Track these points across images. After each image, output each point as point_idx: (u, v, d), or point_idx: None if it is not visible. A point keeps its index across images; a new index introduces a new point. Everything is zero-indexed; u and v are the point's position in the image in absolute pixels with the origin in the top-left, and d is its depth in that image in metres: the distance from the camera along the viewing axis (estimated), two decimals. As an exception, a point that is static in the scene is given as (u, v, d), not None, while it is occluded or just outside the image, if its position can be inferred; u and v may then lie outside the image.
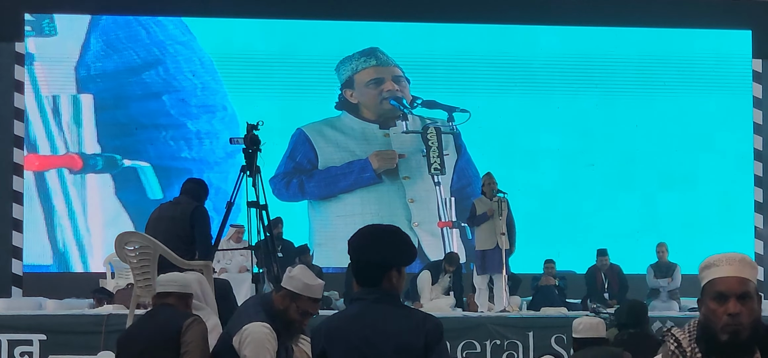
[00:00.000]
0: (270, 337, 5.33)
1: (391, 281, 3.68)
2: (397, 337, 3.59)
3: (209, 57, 15.23)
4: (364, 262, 3.69)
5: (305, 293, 5.38)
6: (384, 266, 3.67)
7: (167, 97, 15.15)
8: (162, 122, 15.11)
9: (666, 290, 13.75)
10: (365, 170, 15.37)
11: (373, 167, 15.37)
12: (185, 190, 8.68)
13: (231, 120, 15.04)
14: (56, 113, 14.97)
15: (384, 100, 15.54)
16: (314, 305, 5.46)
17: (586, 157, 15.66)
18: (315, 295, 5.43)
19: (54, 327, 11.20)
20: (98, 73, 15.04)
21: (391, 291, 3.68)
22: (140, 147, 15.04)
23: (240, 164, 9.47)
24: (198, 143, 15.13)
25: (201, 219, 8.44)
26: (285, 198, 15.05)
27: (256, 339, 5.29)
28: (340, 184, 15.31)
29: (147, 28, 15.20)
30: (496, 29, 15.70)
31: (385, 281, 3.67)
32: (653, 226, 15.28)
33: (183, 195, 8.66)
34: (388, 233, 3.74)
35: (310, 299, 5.41)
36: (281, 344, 5.46)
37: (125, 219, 14.69)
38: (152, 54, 15.14)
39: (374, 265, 3.67)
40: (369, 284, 3.68)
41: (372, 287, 3.67)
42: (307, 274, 5.48)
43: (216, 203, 14.12)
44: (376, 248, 3.68)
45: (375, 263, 3.67)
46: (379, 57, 15.57)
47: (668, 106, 15.79)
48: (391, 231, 3.75)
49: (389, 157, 15.39)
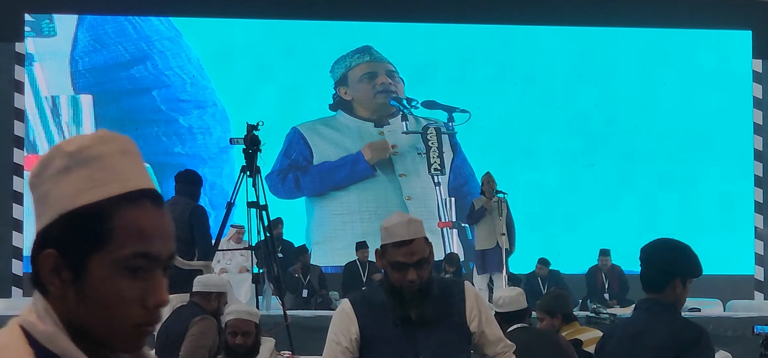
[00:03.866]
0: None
1: (674, 291, 3.82)
2: (652, 348, 3.77)
3: (196, 54, 15.23)
4: (653, 268, 3.85)
5: (387, 241, 3.91)
6: (670, 274, 3.81)
7: (157, 93, 15.15)
8: (154, 118, 15.11)
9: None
10: (358, 162, 15.38)
11: (366, 158, 15.37)
12: (180, 190, 8.60)
13: (222, 116, 15.06)
14: (56, 114, 14.97)
15: (378, 93, 15.56)
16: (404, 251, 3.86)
17: (586, 157, 15.66)
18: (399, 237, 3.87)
19: (54, 327, 11.18)
20: (87, 68, 15.04)
21: (671, 300, 3.82)
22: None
23: (234, 160, 9.48)
24: (191, 139, 15.13)
25: (200, 220, 8.41)
26: (281, 194, 15.03)
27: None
28: (335, 177, 15.32)
29: (133, 23, 15.21)
30: (496, 29, 15.70)
31: (668, 289, 3.82)
32: (653, 226, 15.26)
33: (179, 195, 8.59)
34: (681, 245, 3.91)
35: (393, 244, 3.88)
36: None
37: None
38: (140, 49, 15.15)
39: (661, 272, 3.82)
40: (652, 291, 3.85)
41: (655, 294, 3.84)
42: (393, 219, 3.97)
43: (211, 198, 14.16)
44: (667, 256, 3.86)
45: (662, 270, 3.82)
46: (372, 54, 15.59)
47: (668, 106, 15.79)
48: (684, 245, 3.91)
49: (382, 148, 15.41)
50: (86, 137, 1.49)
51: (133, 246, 1.43)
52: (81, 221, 1.44)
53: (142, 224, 1.44)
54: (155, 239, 1.45)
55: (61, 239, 1.44)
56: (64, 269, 1.44)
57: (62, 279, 1.44)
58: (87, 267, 1.43)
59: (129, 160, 1.48)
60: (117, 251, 1.43)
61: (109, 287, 1.43)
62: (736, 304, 14.04)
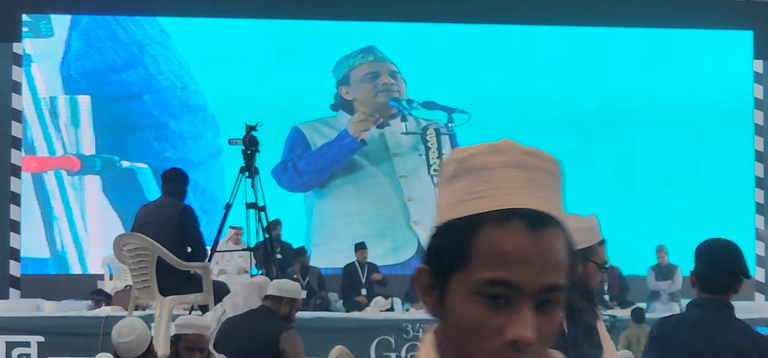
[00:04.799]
0: None
1: (736, 292, 3.83)
2: (735, 350, 3.73)
3: (187, 58, 15.19)
4: (718, 269, 3.80)
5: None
6: (736, 276, 3.80)
7: (148, 97, 15.11)
8: (145, 122, 15.07)
9: (667, 292, 13.70)
10: (344, 137, 15.43)
11: (350, 132, 15.38)
12: (168, 189, 8.50)
13: (212, 120, 15.02)
14: (53, 114, 14.92)
15: (379, 93, 15.54)
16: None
17: (586, 157, 15.62)
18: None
19: (52, 329, 11.16)
20: (79, 72, 15.00)
21: (730, 302, 3.82)
22: (125, 148, 14.97)
23: (224, 165, 9.43)
24: (182, 143, 15.08)
25: (190, 220, 8.33)
26: (285, 184, 15.11)
27: None
28: (326, 155, 15.34)
29: (125, 27, 15.16)
30: (496, 29, 15.67)
31: (731, 291, 3.81)
32: (653, 227, 15.23)
33: (166, 195, 8.50)
34: (738, 247, 3.90)
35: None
36: None
37: (123, 221, 14.63)
38: (131, 53, 15.10)
39: (728, 273, 3.80)
40: (716, 292, 3.80)
41: (718, 295, 3.80)
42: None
43: (202, 202, 14.12)
44: (733, 258, 3.83)
45: (729, 272, 3.80)
46: (376, 54, 15.58)
47: (668, 106, 15.76)
48: (738, 247, 3.90)
49: (364, 120, 15.42)
50: (478, 146, 1.35)
51: (490, 271, 1.27)
52: (451, 235, 1.31)
53: (505, 248, 1.27)
54: (520, 265, 1.27)
55: (435, 254, 1.32)
56: (433, 287, 1.32)
57: (433, 298, 1.32)
58: (449, 286, 1.30)
59: (520, 175, 1.31)
60: (474, 274, 1.28)
61: (465, 311, 1.28)
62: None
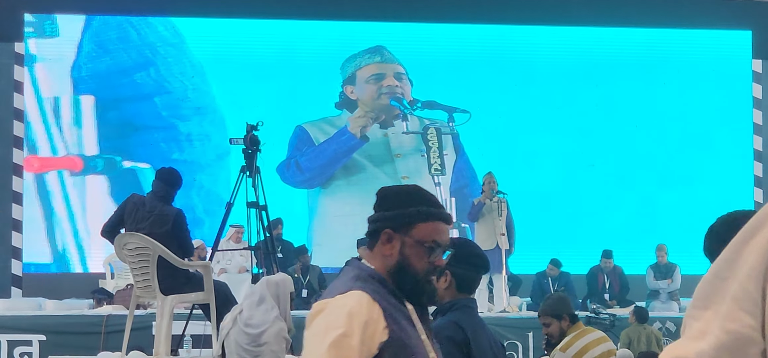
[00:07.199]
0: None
1: None
2: None
3: (199, 59, 15.23)
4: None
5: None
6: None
7: (159, 99, 15.15)
8: (154, 124, 15.11)
9: (666, 291, 13.73)
10: (343, 134, 15.47)
11: (349, 129, 15.43)
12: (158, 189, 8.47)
13: (220, 122, 15.06)
14: (56, 114, 14.96)
15: (383, 95, 15.58)
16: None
17: (586, 157, 15.66)
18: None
19: (53, 328, 11.21)
20: (90, 74, 15.04)
21: None
22: (132, 149, 15.02)
23: (230, 167, 9.46)
24: (189, 145, 15.11)
25: (182, 225, 8.35)
26: (288, 180, 15.19)
27: None
28: (326, 151, 15.40)
29: (138, 29, 15.21)
30: (496, 29, 15.70)
31: None
32: (653, 226, 15.27)
33: (155, 194, 8.47)
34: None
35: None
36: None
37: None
38: (143, 55, 15.14)
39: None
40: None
41: None
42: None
43: (207, 204, 14.17)
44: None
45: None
46: (384, 54, 15.61)
47: (668, 106, 15.79)
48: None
49: (363, 117, 15.49)
50: None
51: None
52: None
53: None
54: None
55: None
56: None
57: None
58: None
59: None
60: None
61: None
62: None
